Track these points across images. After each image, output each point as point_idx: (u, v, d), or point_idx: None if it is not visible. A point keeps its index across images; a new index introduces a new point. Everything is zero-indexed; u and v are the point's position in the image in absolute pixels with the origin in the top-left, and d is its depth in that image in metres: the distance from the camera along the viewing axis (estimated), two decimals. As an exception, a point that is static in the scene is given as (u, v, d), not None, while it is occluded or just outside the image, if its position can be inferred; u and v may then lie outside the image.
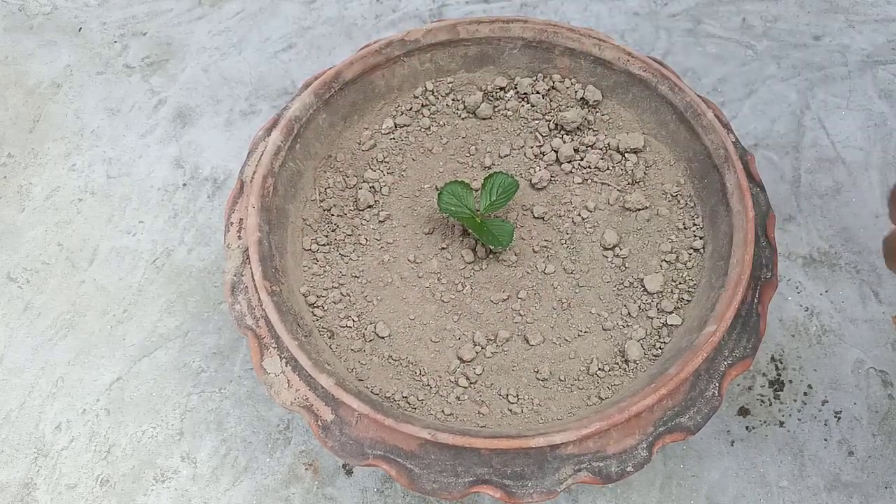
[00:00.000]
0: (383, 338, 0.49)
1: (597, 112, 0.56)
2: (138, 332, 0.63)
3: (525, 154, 0.56)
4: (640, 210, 0.53)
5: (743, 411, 0.58)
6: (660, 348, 0.48)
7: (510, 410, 0.46)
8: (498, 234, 0.50)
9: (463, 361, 0.48)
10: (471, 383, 0.47)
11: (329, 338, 0.48)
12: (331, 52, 0.79)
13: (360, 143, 0.56)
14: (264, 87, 0.77)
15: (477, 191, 0.54)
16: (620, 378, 0.47)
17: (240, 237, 0.47)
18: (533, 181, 0.55)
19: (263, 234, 0.46)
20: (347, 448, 0.41)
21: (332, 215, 0.53)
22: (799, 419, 0.57)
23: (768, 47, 0.77)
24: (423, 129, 0.57)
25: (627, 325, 0.49)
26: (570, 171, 0.55)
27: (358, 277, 0.51)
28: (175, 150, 0.73)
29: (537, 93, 0.56)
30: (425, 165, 0.56)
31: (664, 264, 0.51)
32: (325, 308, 0.49)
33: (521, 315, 0.50)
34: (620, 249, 0.52)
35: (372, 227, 0.53)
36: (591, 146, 0.56)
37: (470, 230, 0.51)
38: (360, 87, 0.54)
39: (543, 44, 0.55)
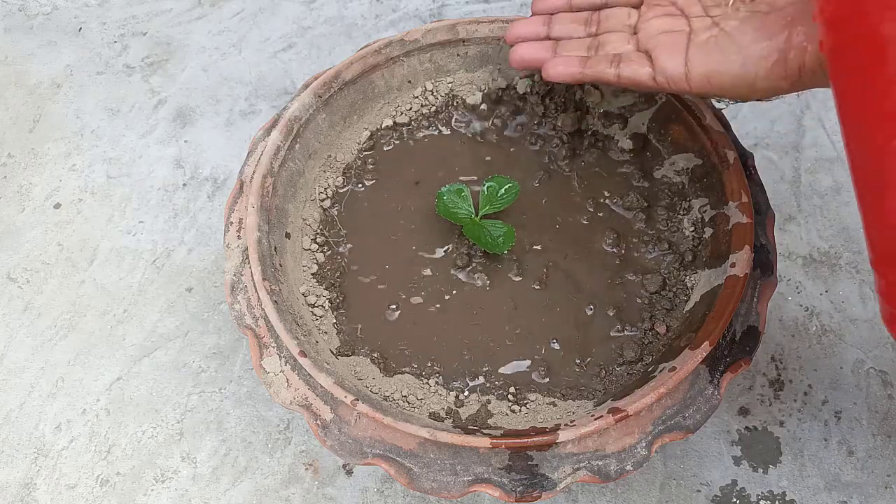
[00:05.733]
0: (383, 337, 0.49)
1: (596, 111, 0.56)
2: (138, 332, 0.63)
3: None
4: (639, 210, 0.53)
5: (743, 411, 0.57)
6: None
7: (510, 409, 0.46)
8: (497, 237, 0.50)
9: (462, 360, 0.48)
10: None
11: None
12: (331, 52, 0.79)
13: (359, 143, 0.56)
14: (264, 87, 0.77)
15: (477, 191, 0.54)
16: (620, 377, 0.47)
17: (239, 237, 0.47)
18: (532, 182, 0.55)
19: (263, 234, 0.46)
20: (347, 447, 0.41)
21: (332, 215, 0.53)
22: (799, 419, 0.57)
23: (768, 47, 0.77)
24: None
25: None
26: (569, 173, 0.55)
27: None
28: (175, 150, 0.73)
29: (536, 94, 0.56)
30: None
31: (663, 264, 0.51)
32: (325, 307, 0.49)
33: (519, 314, 0.50)
34: (619, 250, 0.52)
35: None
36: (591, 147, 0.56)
37: (468, 234, 0.50)
38: (359, 87, 0.54)
39: (543, 44, 0.55)
